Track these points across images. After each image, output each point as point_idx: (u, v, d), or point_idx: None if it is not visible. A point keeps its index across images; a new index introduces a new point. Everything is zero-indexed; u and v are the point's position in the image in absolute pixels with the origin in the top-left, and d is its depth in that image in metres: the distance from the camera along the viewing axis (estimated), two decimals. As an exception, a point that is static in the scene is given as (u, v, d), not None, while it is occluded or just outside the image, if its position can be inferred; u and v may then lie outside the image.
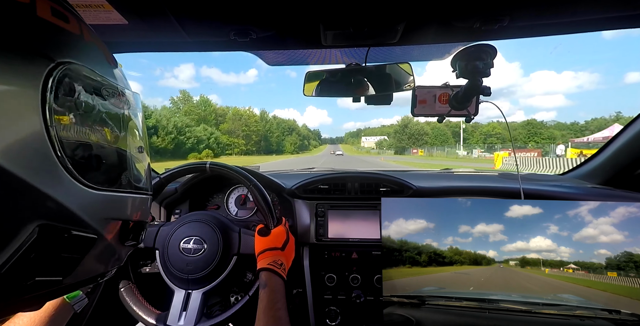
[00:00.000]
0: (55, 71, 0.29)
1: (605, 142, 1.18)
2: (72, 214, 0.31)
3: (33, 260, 0.28)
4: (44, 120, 0.28)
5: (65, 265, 0.32)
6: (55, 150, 0.29)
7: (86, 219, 0.32)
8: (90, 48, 0.36)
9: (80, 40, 0.34)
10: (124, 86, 0.41)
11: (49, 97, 0.28)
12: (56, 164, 0.29)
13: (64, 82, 0.30)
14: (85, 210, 0.32)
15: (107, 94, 0.36)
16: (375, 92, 0.98)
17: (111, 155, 0.37)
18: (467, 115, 0.90)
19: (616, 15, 0.72)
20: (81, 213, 0.32)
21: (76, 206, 0.31)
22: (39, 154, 0.28)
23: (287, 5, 0.65)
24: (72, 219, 0.31)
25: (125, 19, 0.69)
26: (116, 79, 0.39)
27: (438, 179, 1.22)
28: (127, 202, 0.39)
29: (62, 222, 0.30)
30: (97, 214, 0.34)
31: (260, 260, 0.79)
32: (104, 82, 0.36)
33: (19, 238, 0.26)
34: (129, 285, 0.88)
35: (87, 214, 0.32)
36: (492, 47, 0.72)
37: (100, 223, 0.35)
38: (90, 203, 0.33)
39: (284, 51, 0.98)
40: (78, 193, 0.31)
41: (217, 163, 0.93)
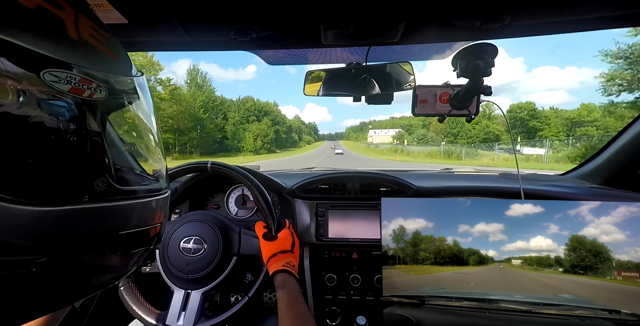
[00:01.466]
0: None
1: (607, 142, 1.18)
2: (12, 246, 0.25)
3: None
4: None
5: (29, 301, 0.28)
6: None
7: (28, 244, 0.26)
8: (30, 17, 0.27)
9: (15, 4, 0.26)
10: (95, 67, 0.32)
11: None
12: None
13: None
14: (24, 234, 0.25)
15: (53, 79, 0.28)
16: (375, 92, 0.98)
17: (65, 160, 0.29)
18: (468, 115, 0.90)
19: (617, 14, 0.72)
20: (16, 239, 0.25)
21: (7, 232, 0.24)
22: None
23: (287, 5, 0.65)
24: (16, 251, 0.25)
25: (125, 18, 0.69)
26: (81, 57, 0.30)
27: (438, 179, 1.22)
28: (106, 213, 0.32)
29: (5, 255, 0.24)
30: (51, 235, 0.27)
31: (274, 263, 0.79)
32: (48, 61, 0.27)
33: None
34: (129, 284, 0.88)
35: (31, 238, 0.26)
36: (493, 46, 0.71)
37: (61, 244, 0.28)
38: (32, 224, 0.26)
39: (284, 51, 0.98)
40: (9, 215, 0.24)
41: (218, 162, 0.93)
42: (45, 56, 0.27)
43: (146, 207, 0.38)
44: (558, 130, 50.43)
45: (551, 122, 51.64)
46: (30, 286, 0.27)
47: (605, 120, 39.22)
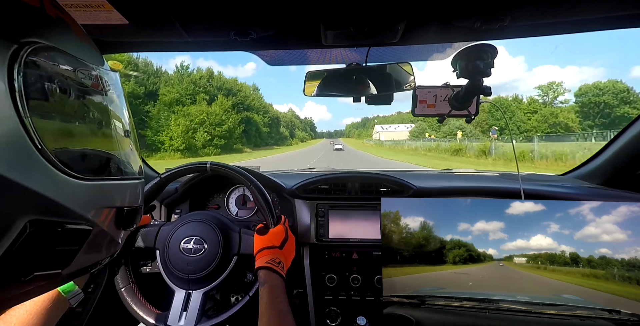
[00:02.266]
0: (21, 53, 0.26)
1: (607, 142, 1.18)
2: (62, 208, 0.29)
3: (29, 256, 0.27)
4: (16, 109, 0.25)
5: (62, 258, 0.32)
6: (34, 142, 0.26)
7: (78, 211, 0.31)
8: (56, 23, 0.32)
9: (44, 15, 0.30)
10: (100, 65, 0.37)
11: (17, 84, 0.25)
12: (37, 156, 0.27)
13: (31, 65, 0.27)
14: (76, 202, 0.31)
15: (82, 76, 0.33)
16: (375, 92, 0.98)
17: (96, 142, 0.35)
18: (468, 115, 0.90)
19: (617, 14, 0.72)
20: (72, 206, 0.30)
21: (66, 199, 0.29)
22: (16, 147, 0.25)
23: (288, 5, 0.65)
24: (63, 213, 0.30)
25: (126, 19, 0.69)
26: (90, 58, 0.35)
27: (438, 180, 1.22)
28: (119, 189, 0.38)
29: (53, 216, 0.29)
30: (90, 205, 0.33)
31: (259, 259, 0.79)
32: (77, 62, 0.33)
33: (10, 235, 0.25)
34: (130, 285, 0.88)
35: (79, 205, 0.31)
36: (492, 47, 0.71)
37: (94, 213, 0.33)
38: (80, 194, 0.31)
39: (284, 51, 0.98)
40: (65, 185, 0.30)
41: (218, 162, 0.93)
42: (74, 57, 0.33)
43: (136, 188, 0.44)
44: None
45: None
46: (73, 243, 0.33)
47: None
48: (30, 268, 0.28)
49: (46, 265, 0.30)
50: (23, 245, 0.26)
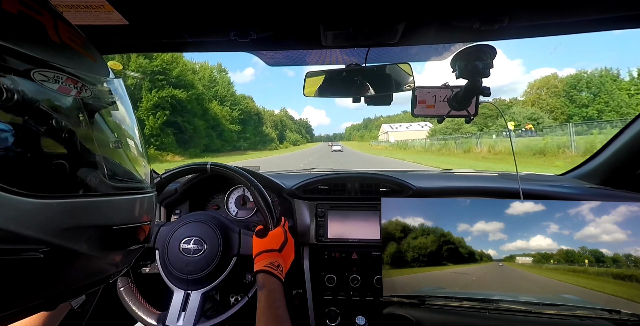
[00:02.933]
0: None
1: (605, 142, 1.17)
2: (13, 234, 0.25)
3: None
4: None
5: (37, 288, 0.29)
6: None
7: (37, 236, 0.27)
8: (14, 19, 0.28)
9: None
10: (77, 68, 0.33)
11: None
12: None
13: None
14: (30, 226, 0.27)
15: (43, 78, 0.29)
16: (375, 93, 0.98)
17: (62, 155, 0.30)
18: (467, 115, 0.90)
19: (616, 15, 0.72)
20: (27, 231, 0.26)
21: (14, 224, 0.25)
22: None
23: (287, 6, 0.65)
24: (16, 239, 0.26)
25: (126, 20, 0.69)
26: (64, 59, 0.32)
27: (438, 180, 1.22)
28: (100, 207, 0.34)
29: (7, 243, 0.25)
30: (55, 227, 0.28)
31: (257, 262, 0.78)
32: (36, 62, 0.29)
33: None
34: (128, 285, 0.88)
35: (37, 230, 0.27)
36: (491, 48, 0.72)
37: (61, 235, 0.29)
38: (34, 216, 0.27)
39: (284, 52, 0.98)
40: (13, 208, 0.25)
41: (218, 163, 0.93)
42: (33, 57, 0.28)
43: (136, 204, 0.39)
44: None
45: None
46: (36, 272, 0.29)
47: None
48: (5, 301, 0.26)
49: (21, 296, 0.27)
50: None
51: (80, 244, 0.31)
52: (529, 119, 32.92)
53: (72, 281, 0.34)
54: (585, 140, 13.59)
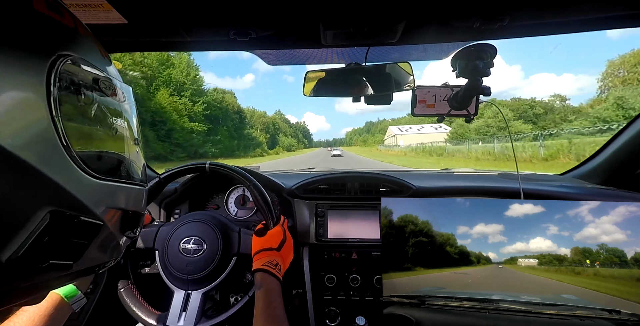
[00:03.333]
0: (57, 63, 0.30)
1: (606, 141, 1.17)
2: (78, 202, 0.32)
3: (47, 244, 0.29)
4: (50, 111, 0.29)
5: (75, 250, 0.34)
6: (61, 140, 0.30)
7: (91, 207, 0.34)
8: (86, 41, 0.37)
9: (76, 33, 0.35)
10: (118, 79, 0.41)
11: (52, 89, 0.29)
12: (63, 153, 0.30)
13: (65, 74, 0.31)
14: (89, 198, 0.33)
15: (104, 86, 0.37)
16: (375, 92, 0.98)
17: (112, 146, 0.38)
18: (467, 115, 0.90)
19: (617, 14, 0.72)
20: (86, 201, 0.33)
21: (82, 194, 0.32)
22: (48, 143, 0.29)
23: (287, 5, 0.65)
24: (78, 207, 0.32)
25: (125, 19, 0.69)
26: (111, 71, 0.40)
27: (438, 179, 1.22)
28: (126, 192, 0.40)
29: (70, 209, 0.31)
30: (100, 203, 0.35)
31: (256, 261, 0.78)
32: (101, 75, 0.37)
33: (32, 223, 0.28)
34: (129, 285, 0.88)
35: (92, 202, 0.34)
36: (492, 47, 0.72)
37: (103, 211, 0.36)
38: (94, 191, 0.34)
39: (284, 51, 0.98)
40: (83, 182, 0.32)
41: (217, 162, 0.93)
42: (99, 69, 0.37)
43: (143, 194, 0.46)
44: None
45: None
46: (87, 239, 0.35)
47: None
48: (47, 255, 0.30)
49: (61, 255, 0.32)
50: (42, 233, 0.29)
51: (112, 223, 0.38)
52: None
53: (100, 257, 0.39)
54: None
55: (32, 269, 0.30)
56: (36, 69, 0.29)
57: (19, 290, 0.31)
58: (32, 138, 0.28)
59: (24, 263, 0.28)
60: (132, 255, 0.91)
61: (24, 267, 0.29)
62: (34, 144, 0.28)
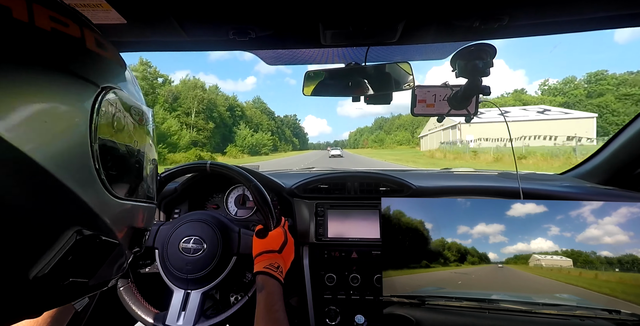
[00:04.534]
0: (100, 96, 0.34)
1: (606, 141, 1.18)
2: (102, 222, 0.34)
3: (70, 262, 0.31)
4: (90, 136, 0.32)
5: (92, 268, 0.36)
6: (95, 163, 0.32)
7: (112, 226, 0.36)
8: (120, 70, 0.40)
9: (115, 65, 0.39)
10: (143, 103, 0.44)
11: (95, 117, 0.33)
12: (94, 175, 0.33)
13: (106, 105, 0.35)
14: (111, 218, 0.35)
15: (134, 113, 0.41)
16: (374, 92, 0.98)
17: (134, 168, 0.41)
18: (467, 115, 0.90)
19: (618, 13, 0.71)
20: (108, 221, 0.35)
21: (105, 215, 0.34)
22: (83, 165, 0.31)
23: (287, 4, 0.65)
24: (101, 226, 0.34)
25: (124, 18, 0.69)
26: (138, 97, 0.43)
27: (438, 179, 1.22)
28: (140, 211, 0.42)
29: (93, 228, 0.33)
30: (120, 223, 0.38)
31: (257, 263, 0.78)
32: (133, 102, 0.41)
33: (60, 241, 0.30)
34: (128, 284, 0.88)
35: (112, 222, 0.36)
36: (491, 47, 0.71)
37: (120, 231, 0.38)
38: (116, 211, 0.36)
39: (283, 51, 0.98)
40: (107, 202, 0.35)
41: (217, 162, 0.93)
42: (131, 98, 0.40)
43: (153, 211, 0.48)
44: None
45: None
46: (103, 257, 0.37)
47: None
48: (69, 273, 0.32)
49: (80, 273, 0.34)
50: (68, 252, 0.30)
51: (124, 240, 0.40)
52: None
53: (110, 272, 0.41)
54: None
55: (54, 286, 0.31)
56: (83, 100, 0.32)
57: (38, 305, 0.32)
58: (70, 160, 0.30)
59: (48, 280, 0.29)
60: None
61: (48, 284, 0.30)
62: (71, 166, 0.30)
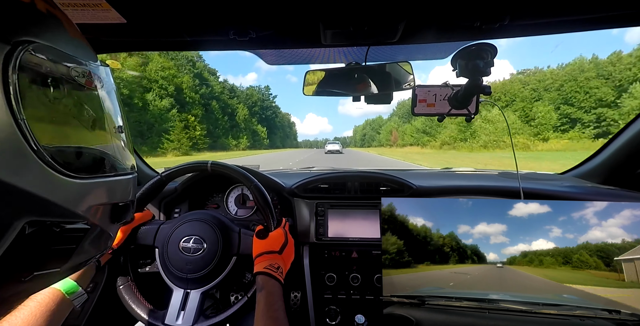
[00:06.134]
0: (14, 54, 0.25)
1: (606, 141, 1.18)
2: (59, 208, 0.29)
3: (29, 256, 0.28)
4: (11, 112, 0.25)
5: (61, 257, 0.32)
6: (30, 143, 0.26)
7: (74, 209, 0.31)
8: (47, 20, 0.30)
9: (33, 10, 0.28)
10: (92, 60, 0.36)
11: (12, 87, 0.25)
12: (33, 158, 0.27)
13: (25, 66, 0.26)
14: (72, 201, 0.31)
15: (76, 74, 0.32)
16: (375, 92, 0.97)
17: (91, 140, 0.35)
18: (468, 114, 0.90)
19: (618, 13, 0.71)
20: (68, 205, 0.30)
21: (62, 199, 0.29)
22: (12, 150, 0.25)
23: (287, 4, 0.65)
24: (60, 212, 0.30)
25: (124, 18, 0.69)
26: (83, 54, 0.34)
27: (438, 178, 1.22)
28: (112, 186, 0.38)
29: (51, 216, 0.29)
30: (85, 203, 0.33)
31: (257, 264, 0.78)
32: (70, 60, 0.32)
33: (8, 236, 0.25)
34: (128, 283, 0.88)
35: (75, 204, 0.31)
36: (492, 46, 0.71)
37: (89, 211, 0.33)
38: (76, 193, 0.31)
39: (284, 51, 0.98)
40: (62, 185, 0.29)
41: (218, 162, 0.93)
42: (69, 56, 0.32)
43: (128, 183, 0.43)
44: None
45: None
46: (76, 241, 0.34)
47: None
48: (30, 268, 0.29)
49: (45, 265, 0.30)
50: (23, 246, 0.26)
51: (100, 219, 0.36)
52: None
53: (90, 252, 0.38)
54: None
55: (14, 282, 0.28)
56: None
57: (5, 299, 0.29)
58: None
59: (5, 278, 0.27)
60: (131, 253, 0.91)
61: (5, 281, 0.27)
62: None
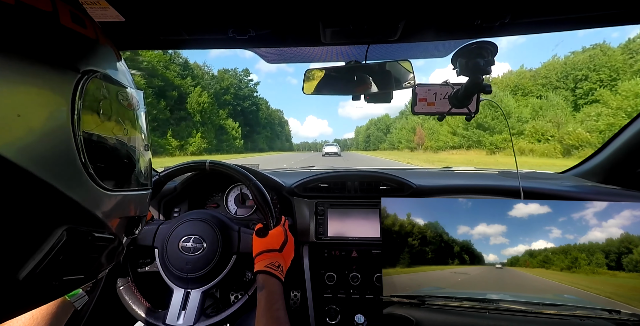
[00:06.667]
0: (82, 82, 0.30)
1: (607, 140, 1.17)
2: (93, 217, 0.32)
3: (62, 262, 0.30)
4: (73, 130, 0.29)
5: (86, 264, 0.34)
6: (80, 156, 0.30)
7: (105, 220, 0.34)
8: (105, 51, 0.36)
9: (97, 45, 0.34)
10: (131, 85, 0.40)
11: (77, 108, 0.29)
12: (80, 170, 0.30)
13: (89, 92, 0.31)
14: (103, 212, 0.34)
15: (122, 98, 0.37)
16: (375, 90, 0.97)
17: (124, 157, 0.38)
18: (468, 113, 0.89)
19: (620, 11, 0.71)
20: (101, 215, 0.33)
21: (96, 209, 0.33)
22: (67, 161, 0.29)
23: (286, 2, 0.64)
24: (93, 222, 0.33)
25: (122, 16, 0.68)
26: (126, 80, 0.39)
27: (438, 178, 1.22)
28: (135, 200, 0.40)
29: (85, 225, 0.32)
30: (112, 215, 0.35)
31: (258, 262, 0.78)
32: (119, 85, 0.37)
33: (49, 241, 0.28)
34: (128, 284, 0.87)
35: (105, 216, 0.34)
36: (492, 44, 0.71)
37: (114, 223, 0.36)
38: (107, 205, 0.34)
39: (283, 49, 0.97)
40: (98, 197, 0.33)
41: (217, 161, 0.93)
42: (119, 81, 0.37)
43: (146, 197, 0.45)
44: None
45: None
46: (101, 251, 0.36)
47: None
48: (61, 272, 0.31)
49: (74, 271, 0.33)
50: (58, 251, 0.29)
51: (119, 230, 0.38)
52: None
53: (106, 262, 0.39)
54: None
55: (45, 286, 0.30)
56: (62, 88, 0.28)
57: (29, 305, 0.31)
58: (52, 156, 0.27)
59: (39, 280, 0.28)
60: (131, 253, 0.91)
61: (39, 284, 0.29)
62: (54, 162, 0.27)
